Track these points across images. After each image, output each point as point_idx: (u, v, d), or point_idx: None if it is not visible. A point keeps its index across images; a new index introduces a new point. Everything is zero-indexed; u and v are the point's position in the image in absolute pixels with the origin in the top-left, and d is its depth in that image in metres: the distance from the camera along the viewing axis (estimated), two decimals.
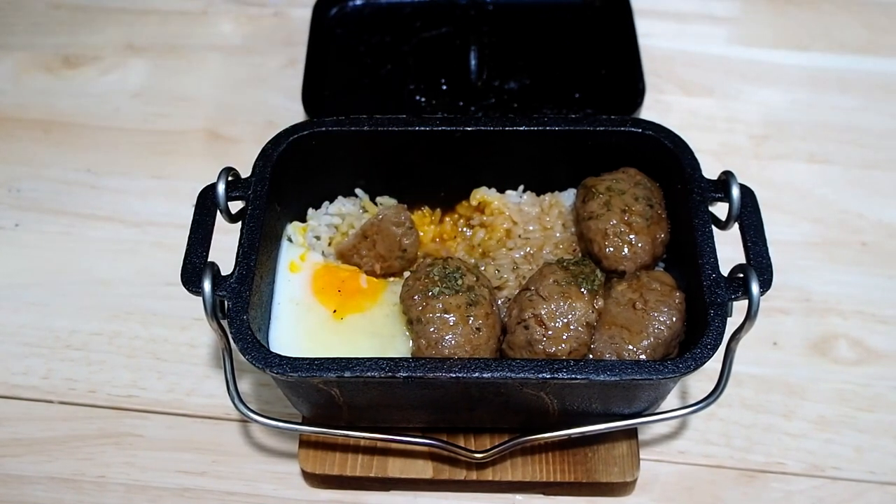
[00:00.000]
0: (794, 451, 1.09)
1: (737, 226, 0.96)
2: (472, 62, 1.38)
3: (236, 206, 0.99)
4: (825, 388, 1.14)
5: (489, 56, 1.40)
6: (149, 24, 1.60)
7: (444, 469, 1.03)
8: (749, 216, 0.95)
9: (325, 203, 1.11)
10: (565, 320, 0.91)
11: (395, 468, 1.03)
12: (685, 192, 0.98)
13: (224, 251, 0.98)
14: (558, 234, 1.07)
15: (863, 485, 1.07)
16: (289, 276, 1.03)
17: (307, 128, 1.04)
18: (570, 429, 0.95)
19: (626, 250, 0.99)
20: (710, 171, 0.99)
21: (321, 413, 1.00)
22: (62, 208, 1.34)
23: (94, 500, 1.07)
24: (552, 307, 0.91)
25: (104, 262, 1.28)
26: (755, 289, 0.87)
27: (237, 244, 0.94)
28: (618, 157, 1.05)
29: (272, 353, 0.87)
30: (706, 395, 0.92)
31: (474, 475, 1.02)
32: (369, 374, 0.85)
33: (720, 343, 0.87)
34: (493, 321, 0.94)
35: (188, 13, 1.62)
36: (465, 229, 1.12)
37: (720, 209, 0.96)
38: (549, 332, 0.90)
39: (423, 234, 1.11)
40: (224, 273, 0.92)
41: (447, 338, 0.91)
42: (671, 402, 1.09)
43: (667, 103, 1.46)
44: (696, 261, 0.92)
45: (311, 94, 1.32)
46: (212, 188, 0.97)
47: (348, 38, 1.44)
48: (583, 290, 0.92)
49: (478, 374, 0.85)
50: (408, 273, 1.03)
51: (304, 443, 1.05)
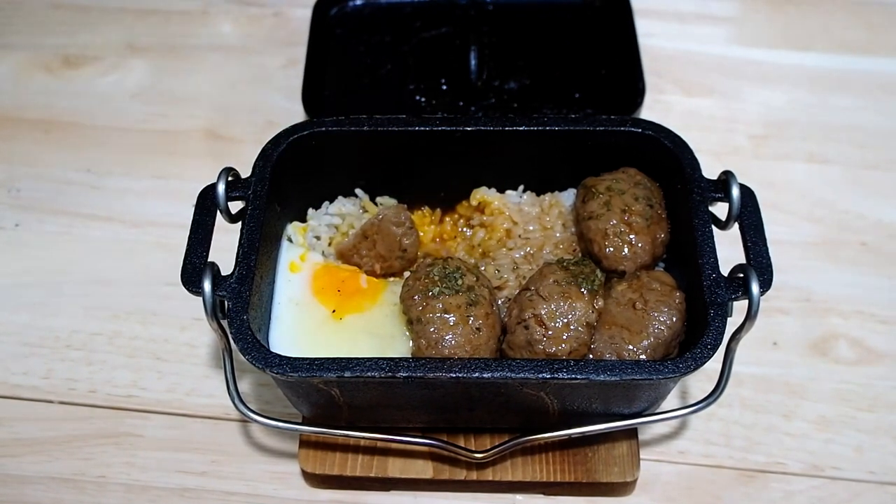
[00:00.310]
0: (794, 451, 1.09)
1: (737, 226, 0.96)
2: (472, 62, 1.38)
3: (236, 206, 0.99)
4: (825, 388, 1.14)
5: (489, 56, 1.40)
6: (149, 24, 1.60)
7: (444, 469, 1.03)
8: (749, 216, 0.95)
9: (325, 203, 1.11)
10: (565, 320, 0.91)
11: (395, 468, 1.03)
12: (685, 191, 0.98)
13: (224, 251, 0.98)
14: (558, 234, 1.07)
15: (863, 485, 1.07)
16: (289, 276, 1.03)
17: (307, 128, 1.04)
18: (570, 429, 0.95)
19: (626, 250, 0.99)
20: (710, 171, 0.99)
21: (321, 413, 1.00)
22: (62, 208, 1.34)
23: (94, 500, 1.07)
24: (552, 307, 0.91)
25: (104, 262, 1.28)
26: (755, 289, 0.87)
27: (237, 244, 0.94)
28: (618, 157, 1.05)
29: (272, 353, 0.87)
30: (706, 395, 0.92)
31: (474, 475, 1.02)
32: (369, 374, 0.85)
33: (720, 343, 0.87)
34: (493, 321, 0.94)
35: (188, 13, 1.62)
36: (465, 229, 1.12)
37: (720, 209, 0.96)
38: (549, 332, 0.90)
39: (423, 234, 1.11)
40: (224, 273, 0.92)
41: (447, 338, 0.91)
42: (671, 402, 1.09)
43: (667, 103, 1.46)
44: (696, 261, 0.92)
45: (311, 94, 1.32)
46: (212, 188, 0.97)
47: (348, 38, 1.44)
48: (583, 290, 0.92)
49: (478, 374, 0.85)
50: (408, 273, 1.03)
51: (304, 443, 1.05)
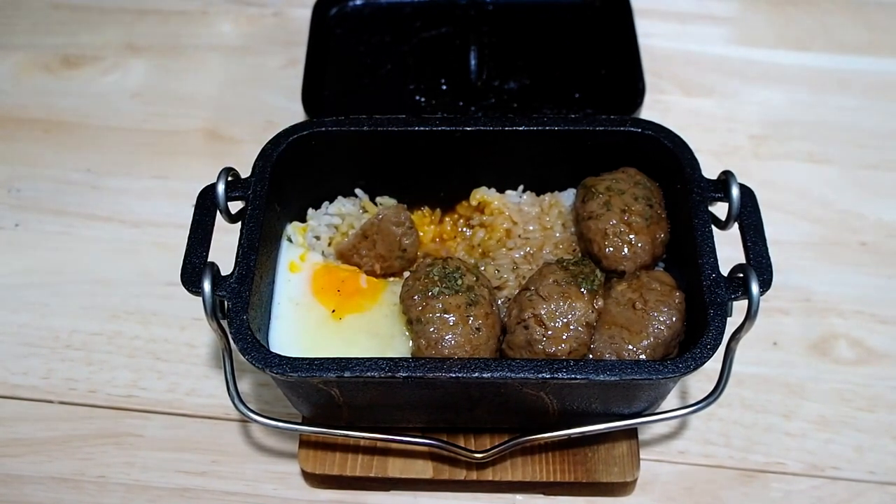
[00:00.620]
0: (794, 451, 1.09)
1: (737, 226, 0.96)
2: (472, 62, 1.38)
3: (236, 206, 0.99)
4: (825, 388, 1.14)
5: (489, 56, 1.40)
6: (149, 24, 1.60)
7: (444, 469, 1.03)
8: (749, 216, 0.95)
9: (325, 203, 1.11)
10: (565, 320, 0.91)
11: (395, 468, 1.03)
12: (685, 191, 0.98)
13: (224, 251, 0.98)
14: (558, 234, 1.07)
15: (863, 485, 1.07)
16: (288, 276, 1.03)
17: (307, 128, 1.04)
18: (570, 429, 0.95)
19: (626, 250, 0.99)
20: (710, 171, 0.99)
21: (321, 413, 1.00)
22: (62, 208, 1.34)
23: (94, 500, 1.07)
24: (552, 307, 0.91)
25: (104, 262, 1.28)
26: (755, 289, 0.87)
27: (237, 244, 0.94)
28: (617, 157, 1.05)
29: (272, 353, 0.87)
30: (706, 395, 0.92)
31: (474, 475, 1.02)
32: (369, 374, 0.85)
33: (720, 343, 0.87)
34: (492, 321, 0.94)
35: (188, 13, 1.62)
36: (465, 229, 1.12)
37: (720, 209, 0.96)
38: (549, 332, 0.90)
39: (423, 234, 1.11)
40: (224, 273, 0.92)
41: (447, 338, 0.91)
42: (671, 402, 1.09)
43: (667, 103, 1.46)
44: (696, 261, 0.92)
45: (311, 94, 1.32)
46: (212, 188, 0.97)
47: (348, 38, 1.44)
48: (582, 290, 0.92)
49: (477, 374, 0.85)
50: (408, 273, 1.03)
51: (304, 443, 1.05)
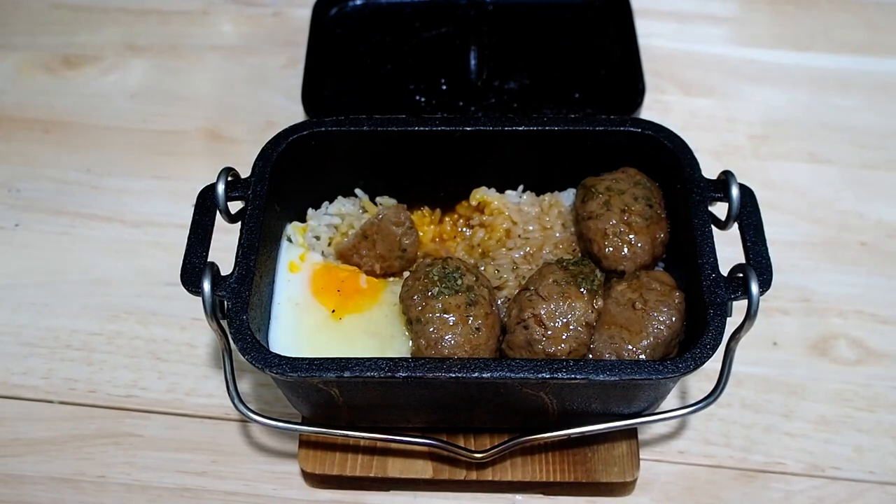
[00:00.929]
0: (794, 451, 1.09)
1: (736, 226, 0.96)
2: (472, 62, 1.38)
3: (236, 207, 0.99)
4: (825, 388, 1.14)
5: (489, 56, 1.40)
6: (149, 24, 1.60)
7: (444, 469, 1.03)
8: (749, 216, 0.95)
9: (325, 203, 1.11)
10: (565, 320, 0.91)
11: (395, 468, 1.03)
12: (685, 191, 0.98)
13: (224, 251, 0.98)
14: (558, 234, 1.07)
15: (863, 485, 1.07)
16: (288, 276, 1.03)
17: (307, 128, 1.04)
18: (569, 429, 0.95)
19: (626, 250, 0.99)
20: (710, 171, 0.99)
21: (321, 413, 1.00)
22: (62, 208, 1.34)
23: (94, 500, 1.07)
24: (552, 307, 0.91)
25: (104, 262, 1.28)
26: (755, 289, 0.87)
27: (237, 244, 0.94)
28: (617, 156, 1.05)
29: (272, 353, 0.87)
30: (706, 395, 0.92)
31: (474, 475, 1.02)
32: (369, 374, 0.85)
33: (720, 343, 0.87)
34: (492, 321, 0.94)
35: (188, 13, 1.62)
36: (465, 229, 1.12)
37: (720, 209, 0.96)
38: (549, 332, 0.90)
39: (422, 234, 1.11)
40: (224, 273, 0.92)
41: (447, 338, 0.91)
42: (671, 402, 1.09)
43: (667, 103, 1.46)
44: (696, 261, 0.92)
45: (311, 94, 1.32)
46: (211, 188, 0.97)
47: (348, 38, 1.44)
48: (582, 289, 0.92)
49: (477, 374, 0.85)
50: (408, 273, 1.03)
51: (304, 443, 1.05)
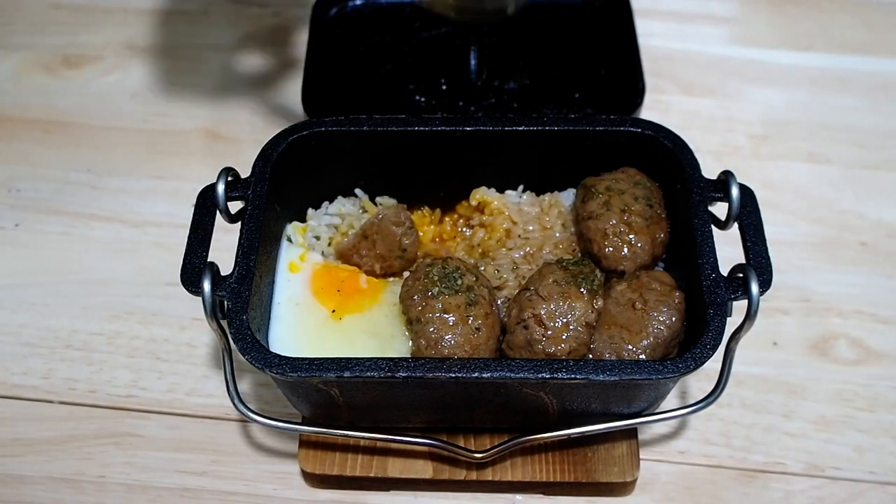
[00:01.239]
0: (794, 451, 1.09)
1: (736, 226, 0.96)
2: (472, 62, 1.38)
3: (236, 206, 0.99)
4: (825, 388, 1.14)
5: (489, 56, 1.40)
6: (149, 24, 1.60)
7: (444, 469, 1.03)
8: (749, 216, 0.95)
9: (325, 203, 1.11)
10: (565, 320, 0.91)
11: (395, 468, 1.03)
12: (685, 191, 0.98)
13: (224, 251, 0.98)
14: (558, 234, 1.07)
15: (863, 485, 1.07)
16: (288, 276, 1.03)
17: (307, 128, 1.04)
18: (569, 429, 0.95)
19: (626, 250, 0.99)
20: (710, 171, 0.99)
21: (321, 413, 1.00)
22: (62, 208, 1.34)
23: (94, 500, 1.07)
24: (552, 307, 0.91)
25: (104, 262, 1.28)
26: (755, 289, 0.87)
27: (237, 244, 0.94)
28: (617, 156, 1.05)
29: (272, 353, 0.87)
30: (706, 395, 0.93)
31: (474, 475, 1.02)
32: (369, 374, 0.85)
33: (720, 343, 0.87)
34: (492, 321, 0.94)
35: (188, 13, 1.62)
36: (465, 229, 1.12)
37: (720, 209, 0.96)
38: (549, 332, 0.90)
39: (422, 234, 1.11)
40: (224, 273, 0.92)
41: (447, 338, 0.91)
42: (671, 402, 1.09)
43: (667, 103, 1.46)
44: (696, 261, 0.92)
45: (311, 94, 1.32)
46: (211, 188, 0.97)
47: (348, 38, 1.44)
48: (582, 290, 0.92)
49: (477, 374, 0.85)
50: (408, 273, 1.03)
51: (304, 443, 1.05)
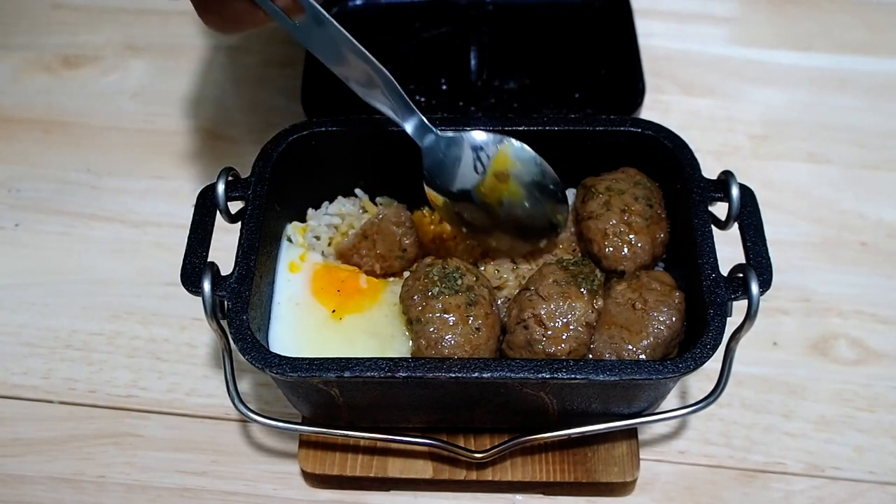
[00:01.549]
0: (794, 451, 1.09)
1: (736, 226, 0.96)
2: (472, 62, 1.38)
3: (236, 206, 0.99)
4: (825, 388, 1.14)
5: (489, 56, 1.40)
6: (149, 24, 1.60)
7: (444, 469, 1.03)
8: (749, 216, 0.95)
9: (325, 203, 1.11)
10: (565, 320, 0.91)
11: (395, 468, 1.03)
12: (685, 191, 0.98)
13: (224, 251, 0.98)
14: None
15: (863, 485, 1.07)
16: (288, 276, 1.03)
17: (307, 128, 1.04)
18: (569, 429, 0.95)
19: (626, 250, 0.99)
20: (710, 171, 0.99)
21: (321, 413, 1.00)
22: (62, 208, 1.34)
23: (94, 500, 1.07)
24: (552, 307, 0.91)
25: (104, 262, 1.28)
26: (755, 289, 0.87)
27: (237, 244, 0.94)
28: (617, 156, 1.05)
29: (272, 353, 0.87)
30: (706, 395, 0.93)
31: (474, 475, 1.02)
32: (369, 374, 0.85)
33: (720, 343, 0.87)
34: (492, 321, 0.94)
35: (188, 13, 1.59)
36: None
37: (720, 209, 0.96)
38: (549, 332, 0.90)
39: (423, 234, 1.11)
40: (224, 273, 0.92)
41: (447, 338, 0.91)
42: (671, 402, 1.09)
43: (667, 103, 1.46)
44: (696, 261, 0.92)
45: (311, 94, 1.32)
46: (211, 188, 0.97)
47: None
48: (582, 289, 0.92)
49: (477, 374, 0.85)
50: (408, 273, 1.03)
51: (304, 443, 1.05)
